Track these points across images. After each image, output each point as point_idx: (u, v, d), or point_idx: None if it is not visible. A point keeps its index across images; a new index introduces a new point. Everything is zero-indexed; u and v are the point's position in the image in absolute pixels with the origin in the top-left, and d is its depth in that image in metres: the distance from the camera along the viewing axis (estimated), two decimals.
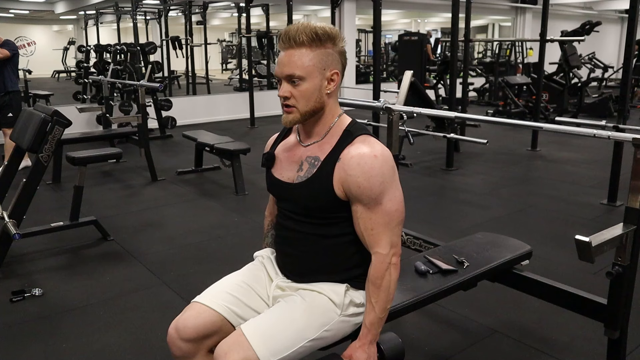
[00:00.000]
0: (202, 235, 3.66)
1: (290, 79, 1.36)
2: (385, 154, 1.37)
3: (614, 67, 12.40)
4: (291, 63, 1.34)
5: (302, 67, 1.34)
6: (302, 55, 1.34)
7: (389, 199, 1.37)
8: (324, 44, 1.36)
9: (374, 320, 1.40)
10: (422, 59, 9.70)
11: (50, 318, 2.54)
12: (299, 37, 1.33)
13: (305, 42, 1.33)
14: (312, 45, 1.34)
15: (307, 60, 1.34)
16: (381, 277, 1.39)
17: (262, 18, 12.10)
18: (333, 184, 1.38)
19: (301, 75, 1.34)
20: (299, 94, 1.36)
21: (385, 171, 1.36)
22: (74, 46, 16.08)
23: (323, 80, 1.37)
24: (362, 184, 1.34)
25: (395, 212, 1.38)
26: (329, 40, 1.36)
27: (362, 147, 1.37)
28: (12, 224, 2.96)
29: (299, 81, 1.35)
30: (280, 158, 1.51)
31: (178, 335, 1.42)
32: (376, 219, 1.37)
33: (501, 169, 5.67)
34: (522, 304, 2.57)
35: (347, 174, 1.35)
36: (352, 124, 1.45)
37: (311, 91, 1.37)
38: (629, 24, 3.98)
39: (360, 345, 1.40)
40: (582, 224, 3.86)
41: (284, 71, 1.36)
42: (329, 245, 1.45)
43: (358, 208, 1.38)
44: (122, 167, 5.66)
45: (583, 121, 2.43)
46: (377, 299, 1.39)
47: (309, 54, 1.34)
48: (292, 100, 1.37)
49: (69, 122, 3.10)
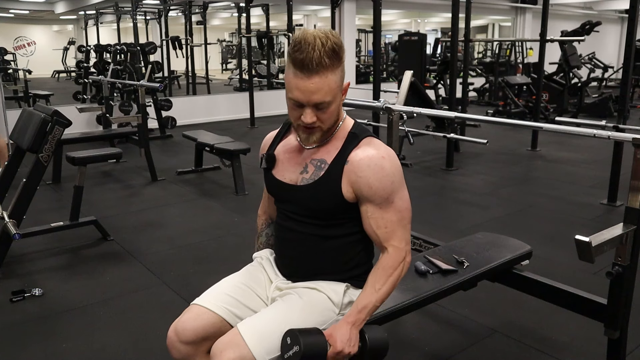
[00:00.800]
0: (202, 235, 3.66)
1: (318, 106, 1.30)
2: (391, 155, 1.39)
3: (614, 67, 12.40)
4: (319, 91, 1.27)
5: (330, 92, 1.29)
6: (328, 80, 1.28)
7: (399, 197, 1.40)
8: (342, 59, 1.30)
9: (369, 304, 1.38)
10: (422, 59, 9.70)
11: (50, 318, 2.54)
12: (323, 61, 1.25)
13: (328, 64, 1.26)
14: (334, 65, 1.28)
15: (333, 84, 1.29)
16: (394, 267, 1.40)
17: (262, 18, 12.09)
18: (341, 187, 1.38)
19: (329, 100, 1.30)
20: (326, 117, 1.34)
21: (395, 171, 1.38)
22: (74, 46, 16.08)
23: (340, 95, 1.36)
24: (373, 184, 1.35)
25: (406, 210, 1.42)
26: (343, 51, 1.30)
27: (368, 149, 1.38)
28: (12, 224, 2.96)
29: (328, 105, 1.31)
30: (281, 159, 1.49)
31: (177, 337, 1.42)
32: (389, 217, 1.39)
33: (501, 169, 5.67)
34: (522, 304, 2.57)
35: (358, 176, 1.36)
36: (355, 126, 1.45)
37: (335, 111, 1.36)
38: (629, 24, 3.98)
39: (344, 324, 1.35)
40: (582, 224, 3.86)
41: (312, 99, 1.28)
42: (331, 246, 1.45)
43: (369, 208, 1.39)
44: (122, 167, 5.66)
45: (583, 121, 2.43)
46: (381, 286, 1.39)
47: (334, 76, 1.28)
48: (318, 122, 1.34)
49: (69, 122, 3.10)
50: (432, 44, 13.93)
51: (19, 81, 11.14)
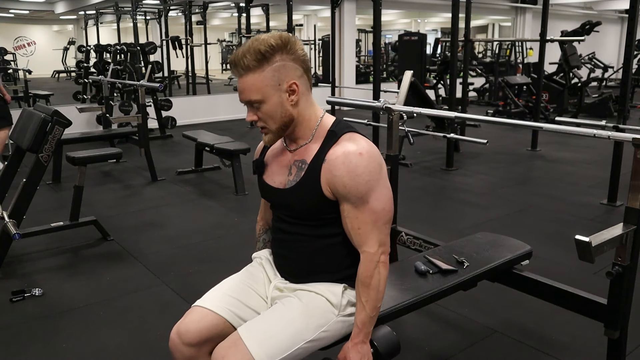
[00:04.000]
0: (202, 235, 3.66)
1: (250, 104, 1.36)
2: (371, 152, 1.35)
3: (614, 67, 12.40)
4: (245, 90, 1.33)
5: (256, 91, 1.33)
6: (253, 80, 1.32)
7: (375, 197, 1.35)
8: (270, 60, 1.31)
9: (365, 319, 1.39)
10: (422, 59, 9.70)
11: (50, 318, 2.54)
12: (244, 62, 1.31)
13: (251, 65, 1.31)
14: (259, 66, 1.31)
15: (259, 83, 1.32)
16: (370, 276, 1.38)
17: (262, 18, 12.10)
18: (321, 186, 1.37)
19: (257, 99, 1.33)
20: (263, 115, 1.36)
21: (371, 169, 1.34)
22: (74, 46, 16.09)
23: (282, 94, 1.35)
24: (347, 183, 1.33)
25: (382, 211, 1.37)
26: (277, 52, 1.31)
27: (347, 145, 1.35)
28: (12, 224, 2.96)
29: (259, 104, 1.35)
30: (269, 164, 1.51)
31: (180, 340, 1.42)
32: (363, 218, 1.36)
33: (501, 169, 5.67)
34: (522, 304, 2.57)
35: (333, 174, 1.34)
36: (335, 123, 1.43)
37: (273, 110, 1.35)
38: (629, 24, 3.98)
39: (352, 345, 1.40)
40: (582, 224, 3.86)
41: (242, 98, 1.36)
42: (324, 245, 1.45)
43: (345, 207, 1.37)
44: (122, 167, 5.66)
45: (583, 121, 2.42)
46: (367, 298, 1.38)
47: (258, 76, 1.31)
48: (261, 122, 1.38)
49: (69, 122, 3.10)
50: (432, 44, 13.93)
51: (19, 81, 11.15)
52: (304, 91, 1.38)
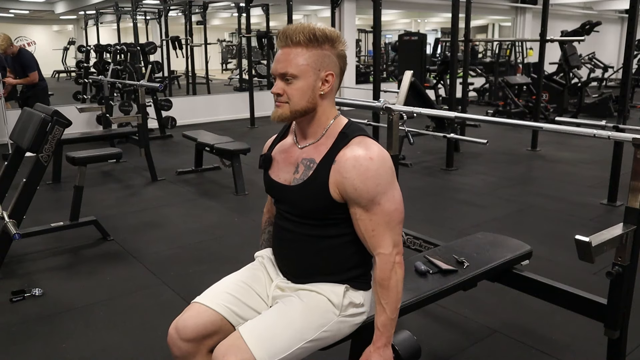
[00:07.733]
0: (202, 235, 3.66)
1: (284, 76, 1.37)
2: (382, 156, 1.36)
3: (614, 67, 12.40)
4: (286, 61, 1.35)
5: (297, 66, 1.35)
6: (298, 55, 1.35)
7: (387, 199, 1.36)
8: (321, 45, 1.36)
9: (386, 321, 1.39)
10: (422, 59, 9.70)
11: (50, 318, 2.54)
12: (296, 36, 1.34)
13: (302, 41, 1.34)
14: (309, 46, 1.35)
15: (302, 60, 1.35)
16: (388, 278, 1.38)
17: (262, 18, 12.09)
18: (329, 187, 1.37)
19: (294, 73, 1.35)
20: (292, 92, 1.37)
21: (381, 173, 1.34)
22: (74, 46, 16.07)
23: (317, 80, 1.37)
24: (358, 186, 1.33)
25: (394, 212, 1.37)
26: (327, 42, 1.36)
27: (357, 149, 1.36)
28: (12, 224, 2.96)
29: (293, 79, 1.36)
30: (277, 159, 1.51)
31: (178, 335, 1.42)
32: (376, 220, 1.36)
33: (501, 169, 5.67)
34: (522, 304, 2.57)
35: (343, 177, 1.35)
36: (348, 125, 1.43)
37: (304, 90, 1.37)
38: (629, 24, 3.98)
39: (375, 350, 1.40)
40: (582, 224, 3.86)
41: (279, 69, 1.37)
42: (327, 246, 1.45)
43: (356, 210, 1.37)
44: (122, 167, 5.66)
45: (583, 121, 2.42)
46: (387, 300, 1.38)
47: (305, 53, 1.35)
48: (284, 97, 1.38)
49: (69, 122, 3.10)
50: (432, 44, 13.93)
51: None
52: (334, 87, 1.41)
